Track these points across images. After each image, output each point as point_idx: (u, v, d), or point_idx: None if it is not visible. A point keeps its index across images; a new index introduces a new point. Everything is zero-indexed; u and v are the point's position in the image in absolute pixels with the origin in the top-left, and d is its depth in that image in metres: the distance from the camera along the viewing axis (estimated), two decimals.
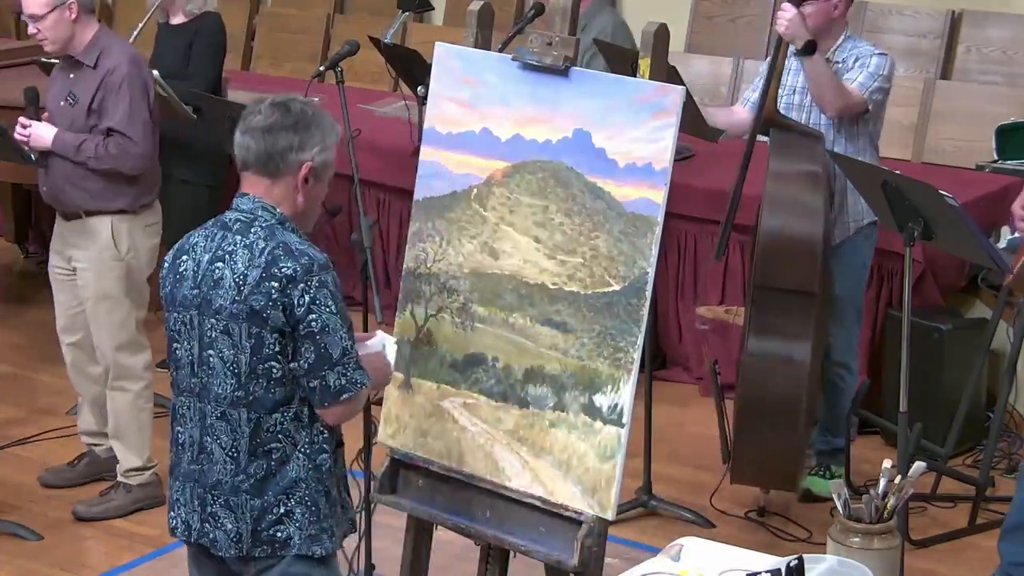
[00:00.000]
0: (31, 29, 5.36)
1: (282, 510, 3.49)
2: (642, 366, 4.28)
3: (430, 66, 4.23)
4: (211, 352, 3.48)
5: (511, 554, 4.11)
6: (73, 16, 5.30)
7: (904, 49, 7.57)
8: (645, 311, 3.82)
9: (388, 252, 7.33)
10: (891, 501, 4.20)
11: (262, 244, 3.45)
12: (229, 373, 3.46)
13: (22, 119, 5.39)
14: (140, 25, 6.49)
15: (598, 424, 3.86)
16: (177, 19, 6.55)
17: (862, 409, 5.79)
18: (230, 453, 3.48)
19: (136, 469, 5.56)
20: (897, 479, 4.22)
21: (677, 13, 7.84)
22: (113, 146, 5.30)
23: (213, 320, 3.46)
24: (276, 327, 3.42)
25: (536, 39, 4.00)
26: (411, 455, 4.13)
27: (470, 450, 4.07)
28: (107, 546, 5.36)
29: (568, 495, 3.89)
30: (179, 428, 3.59)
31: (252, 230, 3.48)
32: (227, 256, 3.47)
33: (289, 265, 3.42)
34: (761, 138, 5.33)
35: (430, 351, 4.15)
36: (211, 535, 3.53)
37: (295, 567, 3.53)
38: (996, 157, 6.95)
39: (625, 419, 3.83)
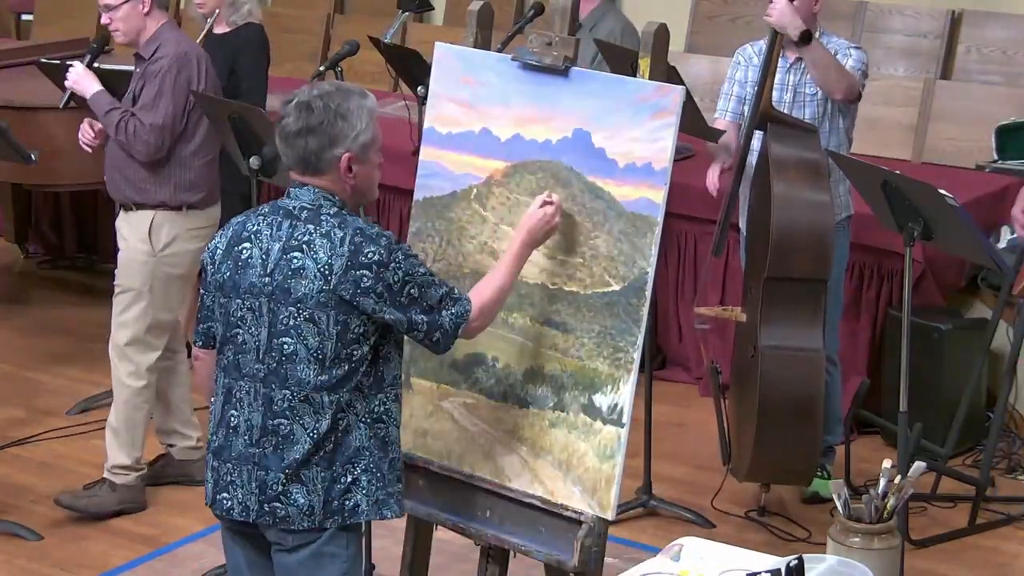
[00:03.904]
0: (104, 19, 5.40)
1: (349, 479, 3.57)
2: (642, 366, 4.28)
3: (430, 66, 4.22)
4: (287, 340, 3.53)
5: (511, 554, 4.11)
6: (146, 10, 5.35)
7: (904, 49, 7.57)
8: (645, 311, 3.82)
9: None
10: (891, 501, 4.20)
11: (340, 232, 3.53)
12: (313, 360, 3.52)
13: (75, 62, 5.42)
14: (203, 33, 6.44)
15: (598, 424, 3.86)
16: (220, 29, 6.54)
17: (862, 409, 5.79)
18: (311, 434, 3.54)
19: (123, 467, 5.52)
20: (897, 479, 4.22)
21: (677, 13, 7.84)
22: (131, 125, 5.32)
23: (293, 309, 3.52)
24: (365, 311, 3.51)
25: (536, 39, 4.00)
26: (411, 455, 4.12)
27: (470, 450, 4.07)
28: (107, 546, 5.35)
29: (568, 495, 3.89)
30: (233, 412, 3.61)
31: (322, 219, 3.56)
32: (304, 246, 3.53)
33: (373, 249, 3.51)
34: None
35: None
36: (281, 512, 3.55)
37: (330, 545, 3.59)
38: (996, 157, 6.94)
39: (625, 419, 3.82)
